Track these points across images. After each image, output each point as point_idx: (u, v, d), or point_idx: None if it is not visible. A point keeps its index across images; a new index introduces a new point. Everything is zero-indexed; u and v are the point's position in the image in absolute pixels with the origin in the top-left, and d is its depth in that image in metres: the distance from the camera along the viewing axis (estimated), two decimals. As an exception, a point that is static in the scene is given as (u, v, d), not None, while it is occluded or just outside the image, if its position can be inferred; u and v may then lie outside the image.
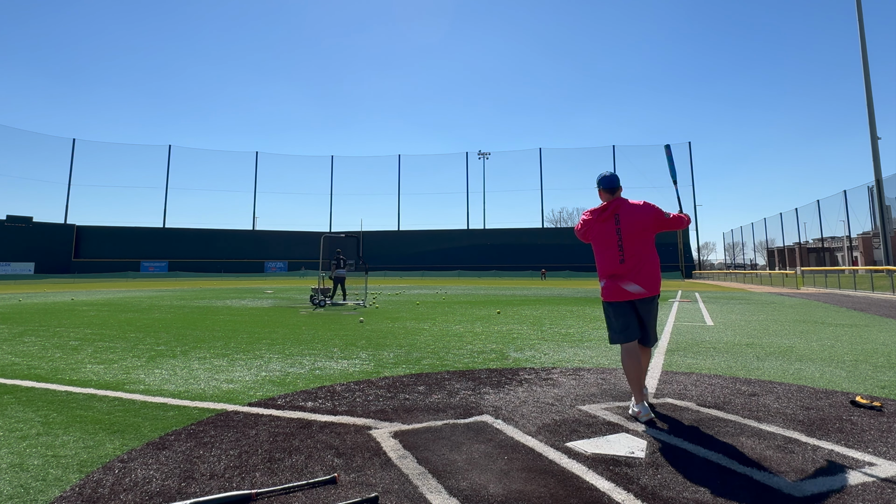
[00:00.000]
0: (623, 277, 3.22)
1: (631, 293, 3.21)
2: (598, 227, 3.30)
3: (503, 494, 2.09)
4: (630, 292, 3.21)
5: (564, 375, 4.41)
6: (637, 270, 3.21)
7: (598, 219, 3.30)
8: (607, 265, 3.28)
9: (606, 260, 3.27)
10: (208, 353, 5.55)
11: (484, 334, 7.17)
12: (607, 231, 3.25)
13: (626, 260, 3.21)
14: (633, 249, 3.21)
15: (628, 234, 3.21)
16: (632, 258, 3.21)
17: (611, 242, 3.23)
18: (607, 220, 3.26)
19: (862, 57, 27.32)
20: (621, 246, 3.21)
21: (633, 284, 3.20)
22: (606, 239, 3.25)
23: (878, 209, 27.28)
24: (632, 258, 3.21)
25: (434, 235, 69.46)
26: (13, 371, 4.55)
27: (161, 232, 66.06)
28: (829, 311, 11.21)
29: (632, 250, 3.20)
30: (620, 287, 3.23)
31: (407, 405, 3.46)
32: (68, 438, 2.76)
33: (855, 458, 2.51)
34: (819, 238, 51.04)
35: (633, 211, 3.25)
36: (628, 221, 3.22)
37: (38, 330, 7.55)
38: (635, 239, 3.21)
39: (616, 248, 3.22)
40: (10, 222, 55.68)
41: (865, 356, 5.40)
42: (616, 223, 3.24)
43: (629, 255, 3.21)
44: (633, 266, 3.21)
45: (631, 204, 3.29)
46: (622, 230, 3.22)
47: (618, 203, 3.29)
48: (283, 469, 2.37)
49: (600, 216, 3.29)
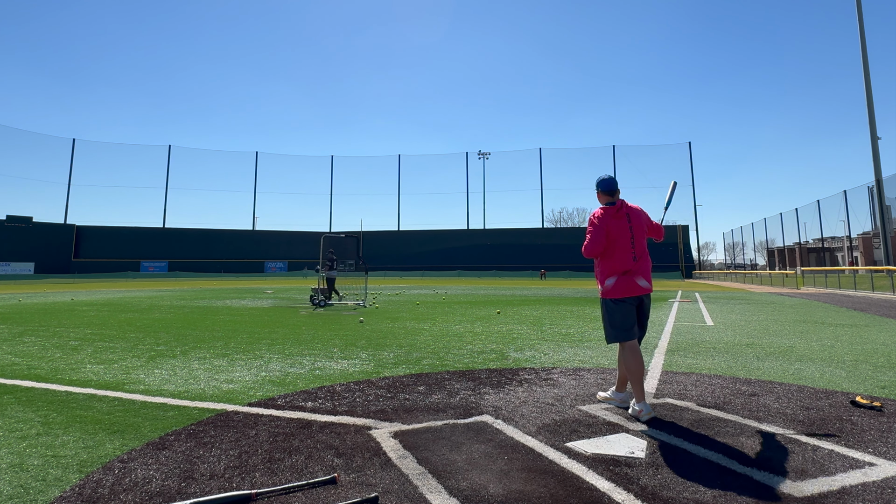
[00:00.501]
0: (636, 273, 3.34)
1: (643, 288, 3.34)
2: (615, 224, 3.37)
3: (503, 494, 2.09)
4: (642, 287, 3.34)
5: (564, 375, 4.41)
6: (645, 268, 3.38)
7: (615, 216, 3.38)
8: (621, 262, 3.34)
9: (620, 257, 3.35)
10: (208, 353, 5.55)
11: (484, 334, 7.17)
12: (621, 228, 3.36)
13: (637, 257, 3.35)
14: (641, 248, 3.38)
15: (638, 232, 3.38)
16: (641, 256, 3.37)
17: (625, 240, 3.35)
18: (621, 219, 3.38)
19: (862, 57, 27.32)
20: (633, 243, 3.35)
21: (643, 280, 3.35)
22: (621, 236, 3.35)
23: (878, 209, 27.27)
24: (641, 256, 3.37)
25: (434, 235, 69.45)
26: (13, 371, 4.55)
27: (161, 232, 66.05)
28: (830, 312, 11.21)
29: (641, 248, 3.38)
30: (634, 282, 3.31)
31: (407, 405, 3.46)
32: (68, 438, 2.76)
33: (855, 458, 2.51)
34: (819, 238, 51.04)
35: (639, 212, 3.47)
36: (637, 221, 3.40)
37: (38, 330, 7.55)
38: (642, 238, 3.40)
39: (629, 246, 3.34)
40: (10, 222, 55.65)
41: (865, 356, 5.40)
42: (628, 221, 3.38)
43: (639, 253, 3.36)
44: (643, 263, 3.37)
45: (632, 206, 3.48)
46: (633, 228, 3.37)
47: (623, 203, 3.44)
48: (283, 469, 2.36)
49: (616, 214, 3.38)
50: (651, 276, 3.41)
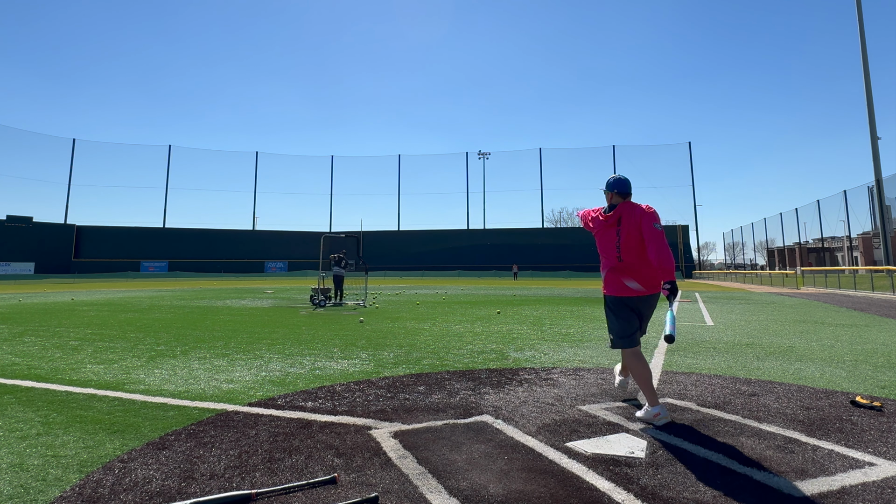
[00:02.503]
0: (623, 273, 3.34)
1: (631, 290, 3.29)
2: (599, 225, 3.43)
3: (503, 494, 2.09)
4: (631, 289, 3.28)
5: (564, 375, 4.41)
6: (636, 270, 3.28)
7: (600, 220, 3.43)
8: (607, 259, 3.41)
9: (606, 253, 3.40)
10: (208, 353, 5.55)
11: (484, 334, 7.17)
12: (607, 228, 3.41)
13: (623, 258, 3.31)
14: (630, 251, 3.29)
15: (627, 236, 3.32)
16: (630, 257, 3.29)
17: (610, 241, 3.40)
18: (609, 222, 3.40)
19: (862, 57, 27.32)
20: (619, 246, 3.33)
21: (633, 282, 3.29)
22: (606, 237, 3.41)
23: (878, 209, 27.26)
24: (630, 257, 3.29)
25: (434, 235, 69.40)
26: (13, 371, 4.55)
27: (161, 232, 66.00)
28: (829, 311, 11.21)
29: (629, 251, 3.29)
30: (622, 282, 3.29)
31: (407, 405, 3.46)
32: (68, 438, 2.76)
33: (855, 458, 2.51)
34: (819, 238, 51.04)
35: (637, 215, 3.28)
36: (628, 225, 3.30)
37: (38, 330, 7.55)
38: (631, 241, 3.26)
39: (614, 248, 3.35)
40: (10, 222, 55.61)
41: (865, 356, 5.40)
42: (617, 225, 3.35)
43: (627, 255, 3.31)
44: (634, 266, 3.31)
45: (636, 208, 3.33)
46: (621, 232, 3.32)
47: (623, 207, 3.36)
48: (283, 469, 2.37)
49: (606, 220, 3.41)
50: (649, 279, 3.22)
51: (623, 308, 3.30)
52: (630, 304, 3.30)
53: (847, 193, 39.49)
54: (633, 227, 3.25)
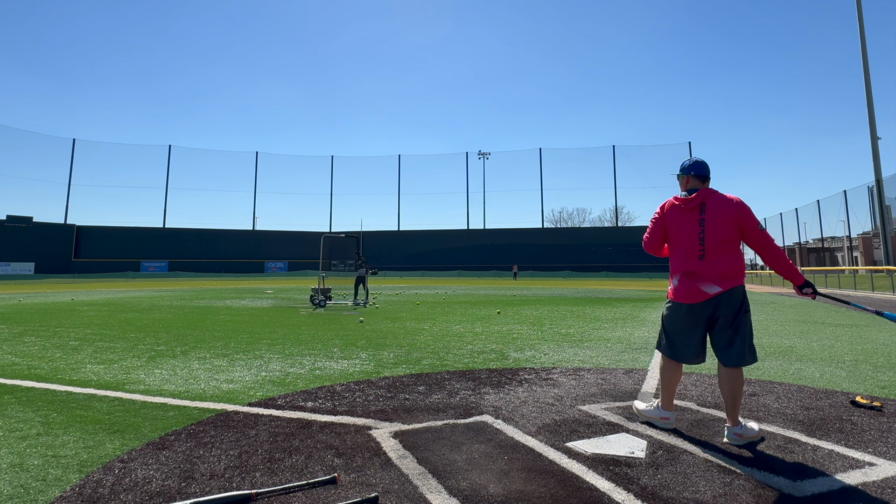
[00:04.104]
0: (702, 278, 2.83)
1: (706, 293, 2.81)
2: (679, 217, 2.92)
3: (503, 494, 2.09)
4: (706, 293, 2.80)
5: (564, 375, 4.41)
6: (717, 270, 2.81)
7: (682, 208, 2.90)
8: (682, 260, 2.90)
9: (684, 252, 2.89)
10: (208, 353, 5.55)
11: (484, 334, 7.17)
12: (689, 221, 2.89)
13: (706, 257, 2.83)
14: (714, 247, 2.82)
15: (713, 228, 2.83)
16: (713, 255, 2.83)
17: (692, 235, 2.86)
18: (691, 211, 2.88)
19: (862, 57, 27.32)
20: (702, 240, 2.83)
21: (711, 285, 2.80)
22: (688, 230, 2.88)
23: (878, 209, 27.27)
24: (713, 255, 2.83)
25: (434, 235, 69.38)
26: (13, 371, 4.55)
27: (161, 232, 65.98)
28: (829, 311, 11.21)
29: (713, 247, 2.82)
30: (697, 287, 2.81)
31: (407, 405, 3.46)
32: (68, 438, 2.76)
33: (855, 458, 2.51)
34: (819, 238, 51.05)
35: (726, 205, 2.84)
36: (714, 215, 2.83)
37: (38, 330, 7.55)
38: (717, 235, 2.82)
39: (697, 242, 2.84)
40: (10, 222, 55.59)
41: (865, 356, 5.40)
42: (700, 213, 2.85)
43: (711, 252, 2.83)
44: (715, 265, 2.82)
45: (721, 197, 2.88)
46: (705, 222, 2.84)
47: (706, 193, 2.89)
48: (283, 469, 2.37)
49: (685, 206, 2.89)
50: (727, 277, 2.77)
51: (681, 309, 2.87)
52: (705, 311, 2.80)
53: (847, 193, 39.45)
54: (723, 219, 2.76)
